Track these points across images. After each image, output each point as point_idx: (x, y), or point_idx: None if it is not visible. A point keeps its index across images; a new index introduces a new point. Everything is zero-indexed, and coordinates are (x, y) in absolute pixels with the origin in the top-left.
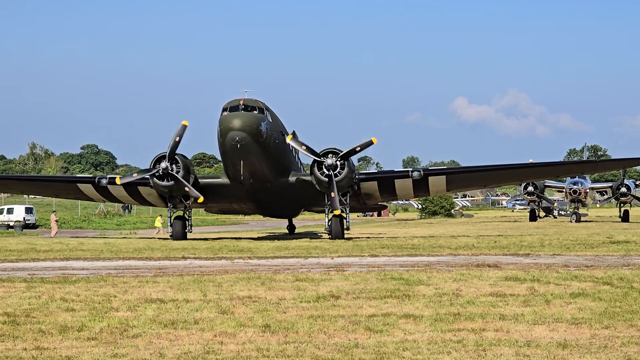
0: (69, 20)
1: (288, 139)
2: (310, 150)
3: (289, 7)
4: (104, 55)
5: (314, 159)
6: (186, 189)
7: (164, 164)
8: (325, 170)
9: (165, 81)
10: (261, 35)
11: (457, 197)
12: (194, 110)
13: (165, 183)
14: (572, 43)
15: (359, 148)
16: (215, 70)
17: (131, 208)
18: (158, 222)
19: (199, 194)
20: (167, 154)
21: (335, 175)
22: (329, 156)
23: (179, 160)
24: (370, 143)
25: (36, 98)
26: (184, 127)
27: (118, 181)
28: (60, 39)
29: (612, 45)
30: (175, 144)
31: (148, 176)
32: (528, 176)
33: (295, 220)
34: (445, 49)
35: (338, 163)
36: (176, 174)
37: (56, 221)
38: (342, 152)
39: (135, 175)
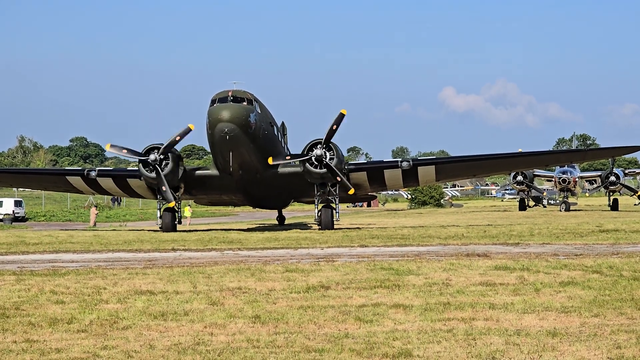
0: (57, 14)
1: (269, 161)
2: (294, 156)
3: None
4: (93, 48)
5: (302, 154)
6: (162, 187)
7: (153, 156)
8: (315, 162)
9: (155, 73)
10: (251, 27)
11: (447, 187)
12: (183, 101)
13: (153, 175)
14: (560, 32)
15: (335, 126)
16: (204, 61)
17: (121, 200)
18: (188, 212)
19: (172, 198)
20: (162, 148)
21: (322, 167)
22: (317, 147)
23: (169, 154)
24: (342, 116)
25: (24, 91)
26: (189, 130)
27: (108, 147)
28: (48, 32)
29: (600, 34)
30: (174, 142)
31: (136, 158)
32: (517, 166)
33: (284, 212)
34: (433, 39)
35: (327, 153)
36: (162, 169)
37: (96, 214)
38: (323, 139)
39: (124, 151)
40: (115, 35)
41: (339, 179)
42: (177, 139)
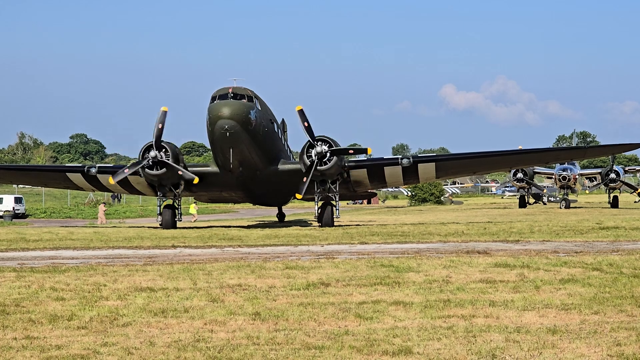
0: (58, 10)
1: (297, 109)
2: (310, 130)
3: None
4: (93, 45)
5: (308, 141)
6: (179, 172)
7: (152, 153)
8: (313, 157)
9: (155, 70)
10: (252, 24)
11: (447, 184)
12: (183, 98)
13: (155, 172)
14: (561, 30)
15: (351, 151)
16: (205, 58)
17: (121, 197)
18: (193, 209)
19: (193, 175)
20: (153, 142)
21: (324, 163)
22: (318, 144)
23: (167, 148)
24: (365, 151)
25: (25, 88)
26: (164, 112)
27: (111, 181)
28: (49, 29)
29: (600, 32)
30: (159, 131)
31: (138, 168)
32: (517, 163)
33: (285, 208)
34: (433, 37)
35: (327, 154)
36: (167, 160)
37: (104, 211)
38: (334, 142)
39: (126, 170)
40: (115, 32)
41: (351, 151)
42: (159, 127)
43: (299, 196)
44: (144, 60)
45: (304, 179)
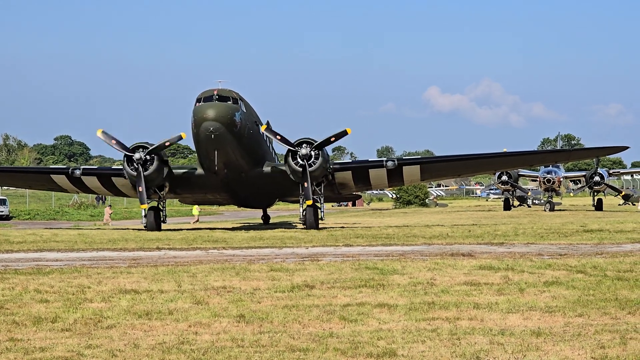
0: (42, 11)
1: (262, 129)
2: (284, 140)
3: None
4: (78, 47)
5: (288, 149)
6: (139, 188)
7: (138, 155)
8: (299, 160)
9: (140, 72)
10: (236, 25)
11: (432, 187)
12: (168, 100)
13: (134, 173)
14: (545, 32)
15: (333, 138)
16: (189, 60)
17: (105, 199)
18: (196, 210)
19: (145, 201)
20: (150, 150)
21: (310, 165)
22: (303, 146)
23: (147, 146)
24: (345, 133)
25: (9, 89)
26: (180, 138)
27: (99, 132)
28: (33, 30)
29: (585, 34)
30: (163, 147)
31: (123, 152)
32: (502, 165)
33: (269, 211)
34: (417, 38)
35: (312, 153)
36: (146, 168)
37: (110, 214)
38: (316, 142)
39: (113, 141)
40: (100, 34)
41: (305, 184)
42: (166, 144)
43: (309, 202)
44: (130, 61)
45: (305, 184)
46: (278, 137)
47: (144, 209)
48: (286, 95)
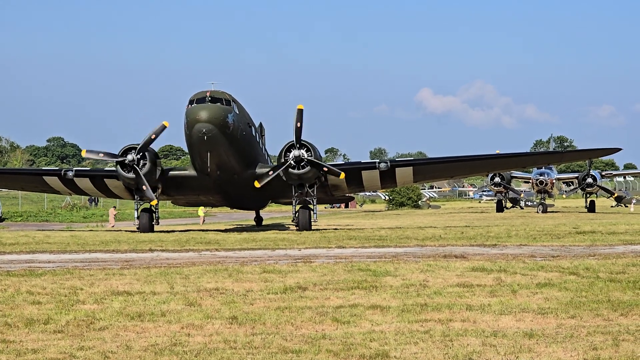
0: (33, 13)
1: (298, 107)
2: (299, 131)
3: None
4: (69, 48)
5: (291, 143)
6: (143, 187)
7: (131, 156)
8: (289, 159)
9: (132, 73)
10: (229, 27)
11: (424, 189)
12: (161, 101)
13: (131, 175)
14: (537, 34)
15: (299, 124)
16: (182, 62)
17: (98, 201)
18: (201, 212)
19: (153, 197)
20: (139, 148)
21: (302, 167)
22: (292, 148)
23: (146, 154)
24: (300, 111)
25: (1, 90)
26: (163, 127)
27: (84, 153)
28: (24, 31)
29: (577, 36)
30: (150, 141)
31: (113, 160)
32: (495, 167)
33: (262, 212)
34: (410, 40)
35: (304, 161)
36: (140, 169)
37: (115, 215)
38: (313, 149)
39: (101, 154)
40: (93, 35)
41: (325, 169)
42: (152, 137)
43: (257, 184)
44: (123, 63)
45: (270, 172)
46: (299, 124)
47: (112, 212)
48: (279, 97)
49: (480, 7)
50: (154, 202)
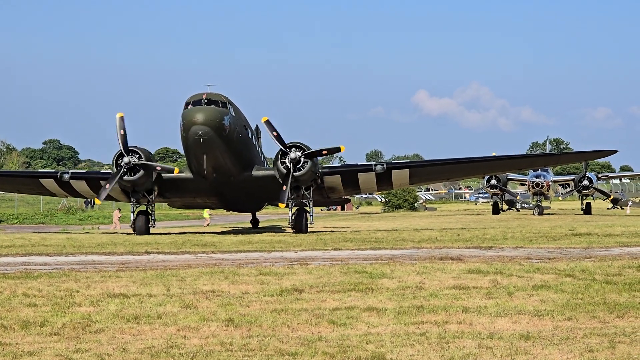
0: (29, 14)
1: (263, 120)
2: (280, 138)
3: (253, 0)
4: (65, 50)
5: (280, 150)
6: (157, 167)
7: (126, 159)
8: (287, 163)
9: (129, 75)
10: (225, 29)
11: (421, 191)
12: (157, 104)
13: (128, 177)
14: (533, 36)
15: (325, 152)
16: (178, 64)
17: (94, 203)
18: (206, 214)
19: (172, 167)
20: (122, 149)
21: (299, 169)
22: (292, 150)
23: (139, 152)
24: (338, 149)
25: None
26: (121, 118)
27: (98, 202)
28: (20, 33)
29: (572, 38)
30: (123, 137)
31: (118, 179)
32: (491, 169)
33: (258, 215)
34: (406, 42)
35: (301, 159)
36: (145, 162)
37: (119, 217)
38: (307, 147)
39: (107, 186)
40: (90, 37)
41: (284, 187)
42: (121, 132)
43: (282, 206)
44: (119, 65)
45: (284, 188)
46: (275, 133)
47: (116, 214)
48: (275, 99)
49: (476, 9)
50: (176, 171)
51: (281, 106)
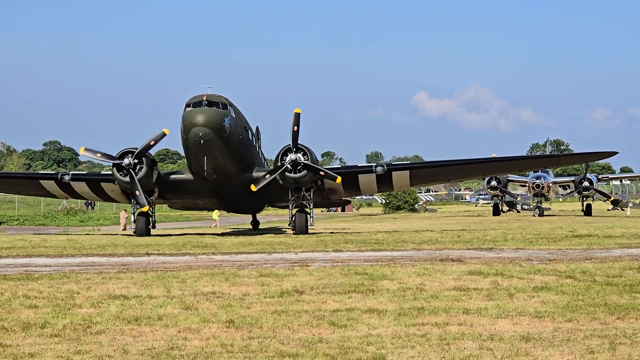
0: (28, 16)
1: (295, 111)
2: (296, 135)
3: (253, 2)
4: (66, 51)
5: (288, 147)
6: (136, 192)
7: (127, 160)
8: (286, 163)
9: (129, 77)
10: (225, 30)
11: (421, 192)
12: (157, 105)
13: (127, 179)
14: (533, 37)
15: (295, 127)
16: (178, 65)
17: (94, 204)
18: (215, 215)
19: (145, 202)
20: (137, 153)
21: (299, 171)
22: (289, 152)
23: (143, 158)
24: (298, 115)
25: None
26: (163, 134)
27: (82, 151)
28: (19, 35)
29: (572, 39)
30: (148, 147)
31: (110, 162)
32: (491, 171)
33: (259, 216)
34: (406, 43)
35: (301, 165)
36: (136, 173)
37: (126, 218)
38: (309, 151)
39: (98, 155)
40: (89, 38)
41: (322, 172)
42: (151, 143)
43: (253, 188)
44: (119, 66)
45: (267, 175)
46: (295, 128)
47: (124, 215)
48: (275, 100)
49: (476, 10)
50: (146, 209)
51: (281, 107)
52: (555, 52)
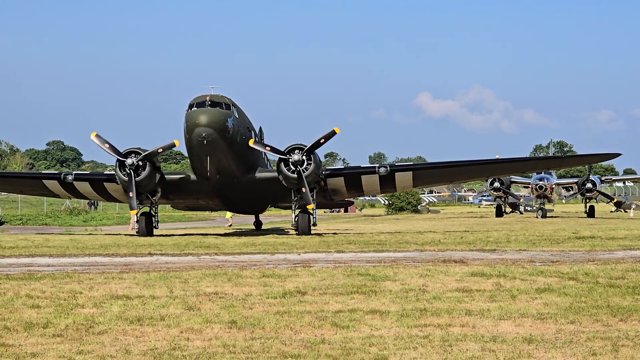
0: (31, 16)
1: (250, 143)
2: (274, 149)
3: (255, 2)
4: (69, 51)
5: (280, 157)
6: (160, 150)
7: (130, 160)
8: (292, 166)
9: (132, 77)
10: (228, 31)
11: (424, 193)
12: (161, 105)
13: (127, 178)
14: (536, 38)
15: (322, 140)
16: (181, 66)
17: (97, 204)
18: (229, 214)
19: (135, 206)
20: (142, 156)
21: (303, 171)
22: (295, 152)
23: (135, 151)
24: (333, 133)
25: (0, 94)
26: (173, 145)
27: (93, 135)
28: (24, 35)
29: (575, 41)
30: (155, 153)
31: (115, 157)
32: (494, 172)
33: (262, 216)
34: (408, 45)
35: (304, 158)
36: (139, 173)
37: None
38: (307, 146)
39: (107, 145)
40: (92, 39)
41: (304, 189)
42: (159, 150)
43: (310, 207)
44: (122, 66)
45: (303, 189)
46: (268, 148)
47: (134, 214)
48: (278, 101)
49: (479, 11)
50: (134, 212)
51: (283, 108)
52: (558, 54)
